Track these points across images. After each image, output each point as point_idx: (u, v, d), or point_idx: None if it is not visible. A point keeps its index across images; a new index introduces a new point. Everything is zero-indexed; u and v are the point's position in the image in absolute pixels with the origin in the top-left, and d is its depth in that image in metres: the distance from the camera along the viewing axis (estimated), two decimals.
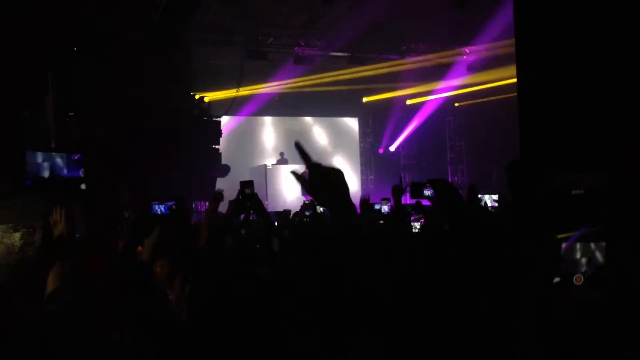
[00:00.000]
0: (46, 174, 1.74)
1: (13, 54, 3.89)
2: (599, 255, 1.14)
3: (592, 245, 1.14)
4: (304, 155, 1.43)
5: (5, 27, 3.90)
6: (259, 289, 1.49)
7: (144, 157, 10.19)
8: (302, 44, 13.59)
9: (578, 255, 1.13)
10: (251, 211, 3.88)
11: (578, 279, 1.15)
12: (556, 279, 1.14)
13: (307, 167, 1.43)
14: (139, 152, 10.17)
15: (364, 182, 19.27)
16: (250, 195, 3.74)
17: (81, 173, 1.74)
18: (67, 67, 6.94)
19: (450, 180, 16.46)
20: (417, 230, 3.94)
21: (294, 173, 1.51)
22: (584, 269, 1.16)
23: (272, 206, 14.01)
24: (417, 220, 3.97)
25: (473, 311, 1.49)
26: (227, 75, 14.26)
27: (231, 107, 14.21)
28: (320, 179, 1.41)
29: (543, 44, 3.69)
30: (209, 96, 13.74)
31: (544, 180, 3.33)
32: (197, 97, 12.98)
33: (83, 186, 1.72)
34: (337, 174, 1.44)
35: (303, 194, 16.07)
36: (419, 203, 3.58)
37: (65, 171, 1.75)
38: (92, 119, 9.49)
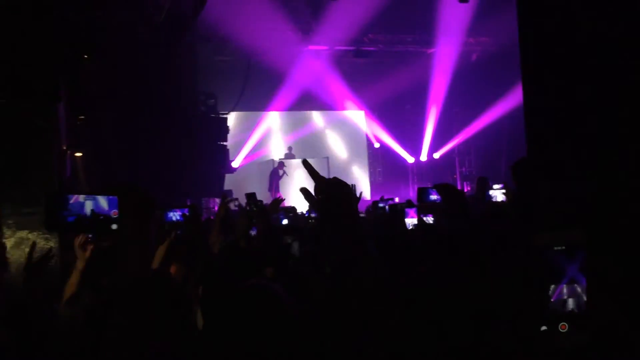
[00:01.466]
0: (88, 211, 1.82)
1: (25, 64, 3.96)
2: (584, 298, 1.17)
3: (577, 288, 1.18)
4: (313, 173, 1.44)
5: (17, 37, 3.96)
6: (272, 302, 1.55)
7: (152, 156, 10.28)
8: (308, 38, 13.59)
9: (563, 297, 1.16)
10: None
11: (563, 327, 1.17)
12: (543, 328, 1.17)
13: (316, 182, 1.44)
14: (147, 152, 10.26)
15: (371, 175, 19.26)
16: (257, 207, 3.79)
17: (112, 214, 1.81)
18: (78, 72, 7.02)
19: (457, 172, 16.47)
20: (410, 227, 3.85)
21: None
22: (568, 310, 1.18)
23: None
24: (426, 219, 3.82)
25: (473, 315, 1.53)
26: (233, 72, 14.28)
27: (237, 103, 14.23)
28: (325, 187, 1.43)
29: (547, 43, 3.71)
30: (215, 93, 13.77)
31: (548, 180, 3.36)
32: (203, 94, 13.01)
33: (114, 226, 1.80)
34: (344, 187, 1.46)
35: (269, 189, 15.70)
36: (423, 205, 3.55)
37: (106, 209, 1.82)
38: (101, 121, 9.59)
